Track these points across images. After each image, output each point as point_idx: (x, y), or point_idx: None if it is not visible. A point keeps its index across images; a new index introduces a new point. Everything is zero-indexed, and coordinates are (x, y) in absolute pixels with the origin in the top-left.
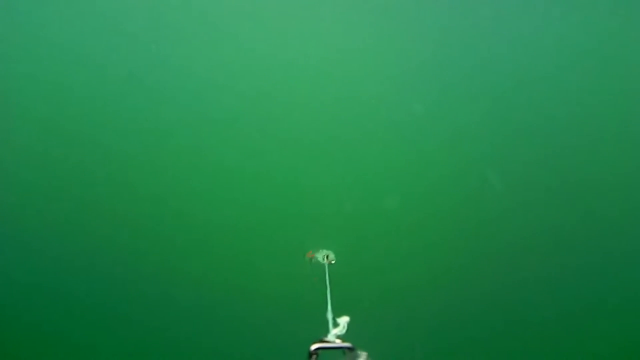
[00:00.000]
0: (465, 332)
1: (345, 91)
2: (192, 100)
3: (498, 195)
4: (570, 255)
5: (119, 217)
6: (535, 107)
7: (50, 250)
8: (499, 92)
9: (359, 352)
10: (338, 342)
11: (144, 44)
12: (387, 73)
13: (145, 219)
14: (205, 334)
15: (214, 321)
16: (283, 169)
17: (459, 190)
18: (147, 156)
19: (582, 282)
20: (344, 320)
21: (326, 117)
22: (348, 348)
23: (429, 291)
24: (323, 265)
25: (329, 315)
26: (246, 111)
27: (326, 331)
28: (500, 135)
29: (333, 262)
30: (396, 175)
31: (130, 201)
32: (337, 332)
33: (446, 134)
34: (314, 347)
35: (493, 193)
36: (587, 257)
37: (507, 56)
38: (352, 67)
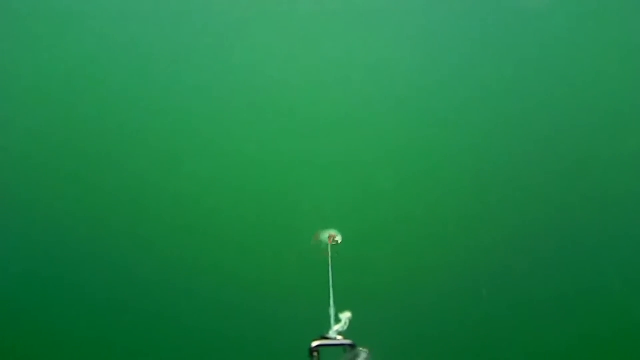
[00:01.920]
0: (470, 324)
1: (346, 77)
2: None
3: (504, 183)
4: (575, 242)
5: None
6: (539, 96)
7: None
8: (503, 81)
9: (360, 349)
10: (339, 339)
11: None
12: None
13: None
14: (204, 330)
15: (213, 317)
16: (280, 156)
17: (463, 177)
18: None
19: (586, 267)
20: (345, 317)
21: (327, 102)
22: (349, 345)
23: (432, 284)
24: (326, 254)
25: (331, 311)
26: (244, 95)
27: (328, 328)
28: (505, 124)
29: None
30: (400, 163)
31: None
32: (338, 328)
33: (450, 123)
34: (314, 344)
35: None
36: (592, 244)
37: (513, 48)
38: (353, 53)
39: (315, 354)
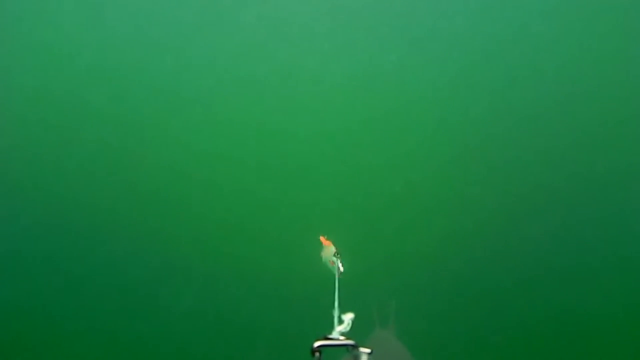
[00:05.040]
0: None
1: (345, 80)
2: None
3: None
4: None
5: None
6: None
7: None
8: (502, 83)
9: (362, 349)
10: (341, 340)
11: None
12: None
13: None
14: (207, 329)
15: (215, 316)
16: (279, 160)
17: (461, 180)
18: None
19: (590, 240)
20: (348, 317)
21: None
22: (351, 345)
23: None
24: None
25: (335, 313)
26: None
27: (331, 328)
28: (504, 124)
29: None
30: (398, 164)
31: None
32: (341, 329)
33: (448, 121)
34: (316, 344)
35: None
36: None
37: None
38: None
39: (317, 354)
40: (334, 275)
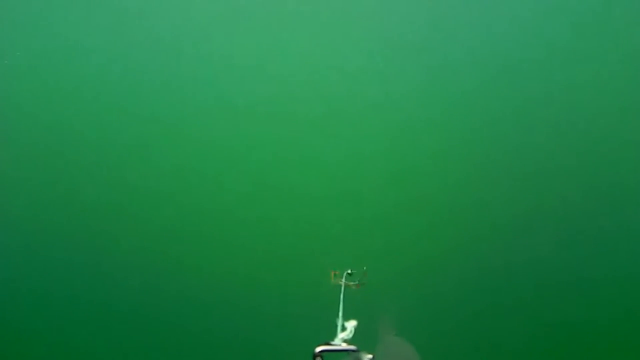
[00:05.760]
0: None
1: (347, 91)
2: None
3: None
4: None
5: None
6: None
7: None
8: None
9: (363, 354)
10: (343, 346)
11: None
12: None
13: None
14: (211, 333)
15: (219, 321)
16: (284, 171)
17: (469, 195)
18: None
19: (601, 250)
20: (351, 325)
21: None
22: (353, 351)
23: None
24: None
25: (339, 321)
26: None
27: (333, 335)
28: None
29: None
30: (407, 175)
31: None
32: (343, 336)
33: (451, 132)
34: (318, 349)
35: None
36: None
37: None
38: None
39: (319, 359)
40: (339, 284)
